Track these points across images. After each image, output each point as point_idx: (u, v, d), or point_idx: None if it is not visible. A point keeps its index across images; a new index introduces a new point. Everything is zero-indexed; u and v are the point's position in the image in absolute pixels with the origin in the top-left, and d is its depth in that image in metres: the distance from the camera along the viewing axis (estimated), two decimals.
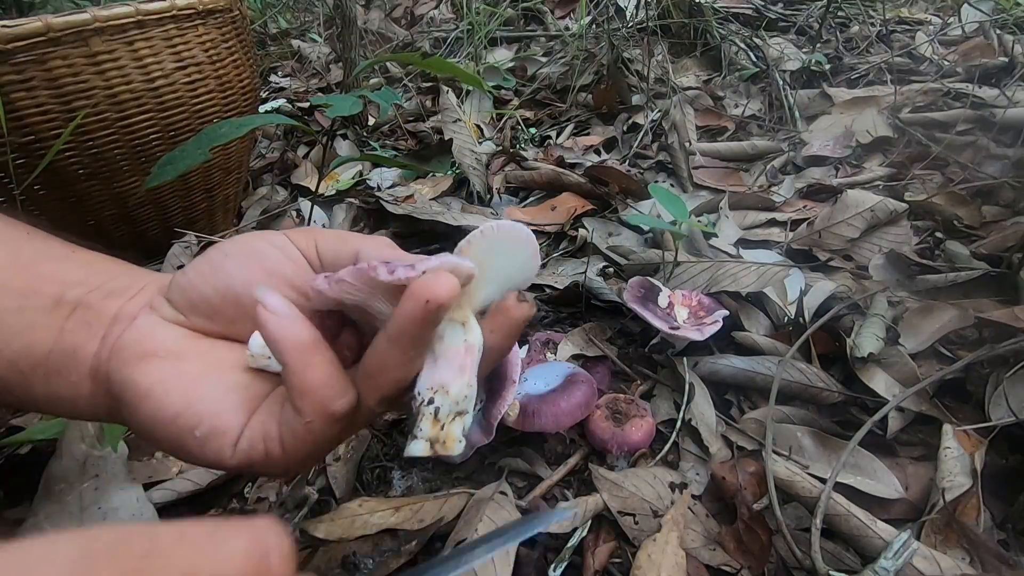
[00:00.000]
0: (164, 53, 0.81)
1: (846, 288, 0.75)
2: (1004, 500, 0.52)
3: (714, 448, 0.60)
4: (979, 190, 0.89)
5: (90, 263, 0.34)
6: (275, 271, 0.30)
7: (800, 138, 1.16)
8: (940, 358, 0.65)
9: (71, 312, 0.31)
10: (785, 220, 0.93)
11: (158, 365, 0.29)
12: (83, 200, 0.84)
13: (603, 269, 0.87)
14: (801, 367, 0.64)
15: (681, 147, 1.14)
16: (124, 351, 0.29)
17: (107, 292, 0.32)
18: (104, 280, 0.32)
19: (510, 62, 1.66)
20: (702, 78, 1.44)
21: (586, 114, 1.39)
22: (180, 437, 0.28)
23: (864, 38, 1.48)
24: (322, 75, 1.85)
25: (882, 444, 0.58)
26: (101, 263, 0.34)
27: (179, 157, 0.65)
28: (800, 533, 0.51)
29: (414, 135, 1.43)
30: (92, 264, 0.34)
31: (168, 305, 0.31)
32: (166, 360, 0.29)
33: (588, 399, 0.60)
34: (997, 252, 0.75)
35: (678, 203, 0.77)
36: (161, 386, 0.28)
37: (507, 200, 1.12)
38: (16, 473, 0.59)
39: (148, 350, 0.29)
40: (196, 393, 0.28)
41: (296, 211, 1.07)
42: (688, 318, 0.70)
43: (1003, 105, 1.04)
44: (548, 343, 0.73)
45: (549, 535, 0.53)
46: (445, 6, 2.15)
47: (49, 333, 0.31)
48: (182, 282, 0.31)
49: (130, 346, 0.29)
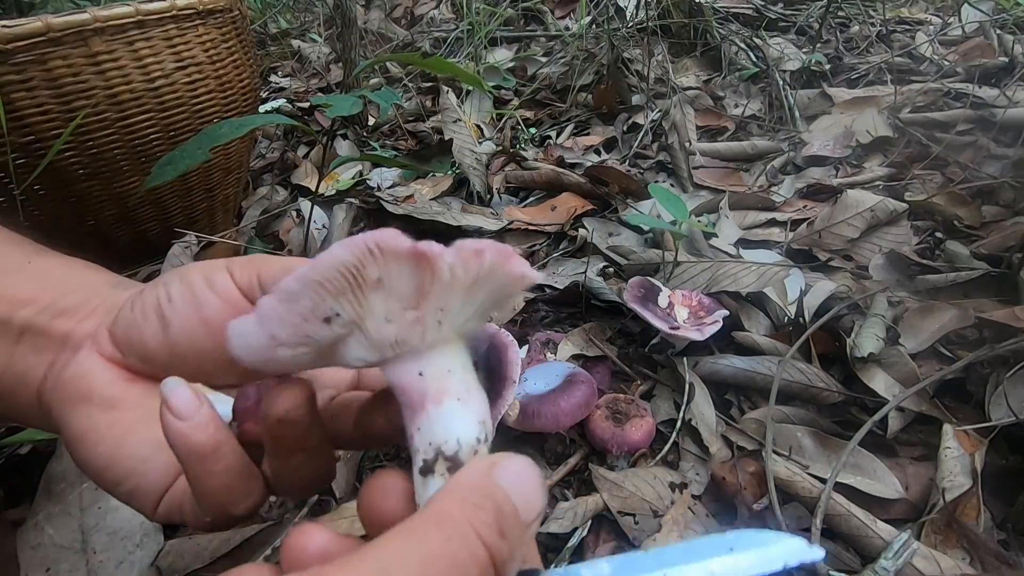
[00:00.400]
0: (164, 53, 0.81)
1: (846, 288, 0.75)
2: (1004, 500, 0.52)
3: (714, 448, 0.60)
4: (979, 190, 0.89)
5: (44, 275, 0.33)
6: (213, 320, 0.28)
7: (800, 138, 1.16)
8: (940, 358, 0.65)
9: (20, 335, 0.31)
10: (785, 220, 0.93)
11: (92, 412, 0.29)
12: (83, 200, 0.84)
13: (603, 269, 0.87)
14: (801, 367, 0.64)
15: (681, 147, 1.14)
16: (62, 390, 0.29)
17: (57, 311, 0.31)
18: (55, 297, 0.31)
19: (510, 62, 1.66)
20: (702, 78, 1.44)
21: (586, 114, 1.39)
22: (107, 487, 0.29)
23: (864, 38, 1.48)
24: (322, 75, 1.85)
25: (882, 444, 0.58)
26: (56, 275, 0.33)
27: (179, 157, 0.65)
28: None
29: (414, 135, 1.43)
30: (46, 276, 0.33)
31: (109, 342, 0.30)
32: (100, 407, 0.29)
33: (588, 399, 0.60)
34: (997, 252, 0.75)
35: (678, 203, 0.77)
36: (93, 435, 0.29)
37: (507, 200, 1.12)
38: (16, 473, 0.59)
39: (84, 393, 0.29)
40: (124, 449, 0.29)
41: (296, 211, 1.07)
42: (688, 318, 0.70)
43: (1003, 105, 1.04)
44: (548, 343, 0.73)
45: (549, 535, 0.53)
46: (445, 6, 2.15)
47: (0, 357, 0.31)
48: (126, 321, 0.30)
49: (68, 385, 0.29)
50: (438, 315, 0.23)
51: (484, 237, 1.03)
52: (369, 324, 0.22)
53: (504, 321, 0.80)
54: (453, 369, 0.24)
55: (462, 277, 0.22)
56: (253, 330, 0.22)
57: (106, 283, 0.34)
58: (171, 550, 0.52)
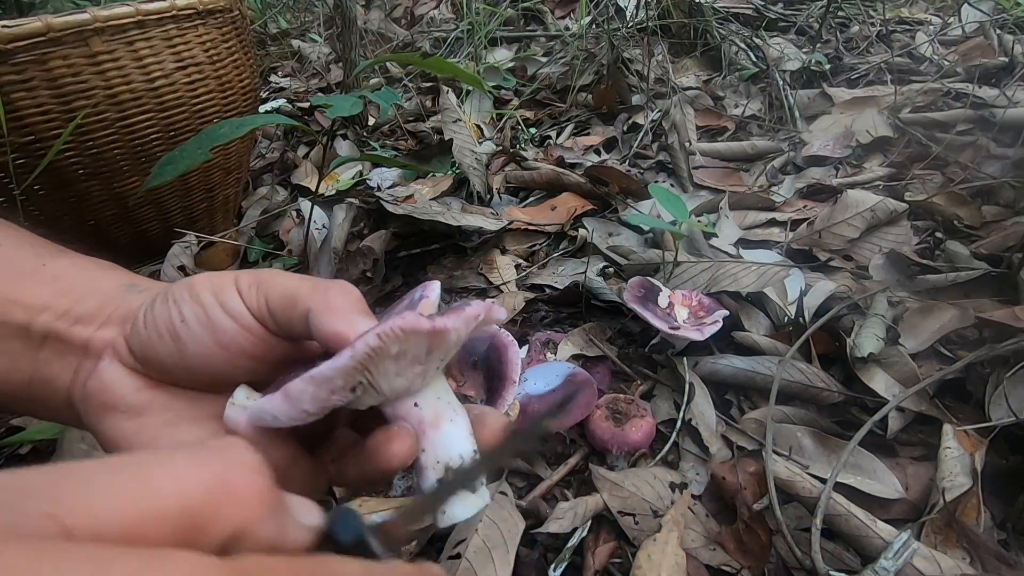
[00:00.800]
0: (164, 53, 0.81)
1: (846, 288, 0.75)
2: (1004, 500, 0.52)
3: (714, 448, 0.60)
4: (979, 190, 0.89)
5: (59, 278, 0.33)
6: (231, 345, 0.29)
7: (800, 138, 1.16)
8: (940, 358, 0.65)
9: (42, 342, 0.31)
10: (785, 220, 0.93)
11: (119, 420, 0.30)
12: (83, 200, 0.84)
13: (603, 269, 0.87)
14: (801, 367, 0.64)
15: (681, 147, 1.14)
16: (89, 400, 0.30)
17: (75, 319, 0.31)
18: (71, 303, 0.32)
19: (510, 62, 1.66)
20: (702, 78, 1.44)
21: (586, 114, 1.39)
22: None
23: (864, 38, 1.48)
24: (322, 75, 1.85)
25: (882, 444, 0.58)
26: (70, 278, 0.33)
27: (179, 157, 0.65)
28: (800, 533, 0.51)
29: (414, 135, 1.43)
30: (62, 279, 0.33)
31: (128, 353, 0.30)
32: (127, 416, 0.30)
33: (588, 399, 0.60)
34: (997, 252, 0.75)
35: (678, 203, 0.77)
36: (123, 442, 0.29)
37: (507, 200, 1.12)
38: None
39: (109, 403, 0.30)
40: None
41: (296, 211, 1.07)
42: (688, 318, 0.70)
43: (1003, 105, 1.04)
44: (548, 343, 0.73)
45: (549, 535, 0.53)
46: (445, 6, 2.15)
47: (27, 363, 0.31)
48: (140, 338, 0.30)
49: (94, 395, 0.30)
50: (438, 364, 0.27)
51: (484, 237, 1.03)
52: (382, 381, 0.26)
53: (504, 321, 0.80)
54: (441, 396, 0.28)
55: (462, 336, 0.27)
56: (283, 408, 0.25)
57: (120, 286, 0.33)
58: None
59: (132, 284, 0.34)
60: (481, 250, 0.97)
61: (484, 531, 0.50)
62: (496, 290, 0.88)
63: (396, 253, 0.98)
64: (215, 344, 0.29)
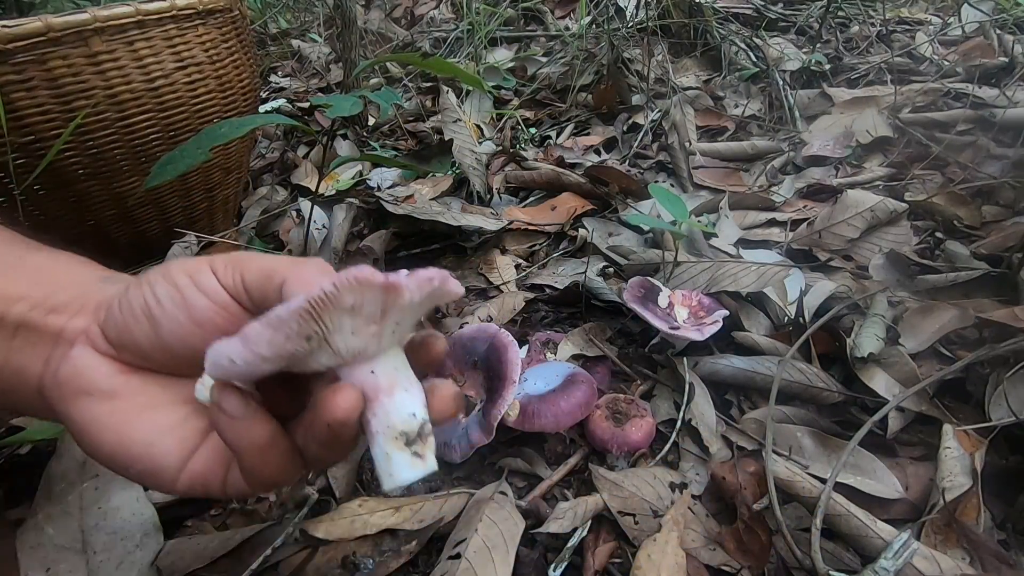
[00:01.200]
0: (164, 53, 0.80)
1: (846, 288, 0.75)
2: (1004, 500, 0.52)
3: (714, 448, 0.60)
4: (979, 190, 0.89)
5: (36, 271, 0.33)
6: (205, 322, 0.29)
7: (800, 138, 1.16)
8: (940, 358, 0.65)
9: (15, 331, 0.31)
10: (785, 220, 0.93)
11: (92, 404, 0.29)
12: (83, 200, 0.84)
13: (603, 269, 0.87)
14: (801, 367, 0.64)
15: (681, 147, 1.14)
16: (61, 386, 0.30)
17: (49, 308, 0.31)
18: (47, 293, 0.32)
19: (510, 62, 1.66)
20: (702, 78, 1.44)
21: (586, 114, 1.39)
22: (118, 471, 0.30)
23: (864, 38, 1.48)
24: (322, 75, 1.85)
25: (882, 444, 0.58)
26: (47, 271, 0.34)
27: (179, 157, 0.65)
28: (800, 533, 0.51)
29: (414, 135, 1.43)
30: (39, 272, 0.33)
31: (103, 339, 0.30)
32: (99, 399, 0.30)
33: (588, 399, 0.60)
34: (997, 252, 0.75)
35: (678, 203, 0.77)
36: (96, 425, 0.29)
37: (507, 200, 1.12)
38: (16, 473, 0.59)
39: (82, 388, 0.30)
40: (128, 435, 0.29)
41: (296, 211, 1.07)
42: (688, 318, 0.70)
43: (1003, 105, 1.04)
44: (548, 343, 0.73)
45: (549, 535, 0.53)
46: (445, 6, 2.15)
47: None
48: (116, 320, 0.30)
49: (67, 381, 0.30)
50: (393, 327, 0.28)
51: (484, 237, 1.03)
52: (337, 338, 0.26)
53: (504, 321, 0.80)
54: (399, 368, 0.29)
55: (416, 299, 0.27)
56: (239, 351, 0.25)
57: (96, 278, 0.34)
58: (171, 550, 0.52)
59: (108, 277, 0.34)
60: (481, 250, 0.97)
61: (484, 531, 0.50)
62: (496, 290, 0.88)
63: (396, 253, 0.98)
64: (190, 322, 0.29)
